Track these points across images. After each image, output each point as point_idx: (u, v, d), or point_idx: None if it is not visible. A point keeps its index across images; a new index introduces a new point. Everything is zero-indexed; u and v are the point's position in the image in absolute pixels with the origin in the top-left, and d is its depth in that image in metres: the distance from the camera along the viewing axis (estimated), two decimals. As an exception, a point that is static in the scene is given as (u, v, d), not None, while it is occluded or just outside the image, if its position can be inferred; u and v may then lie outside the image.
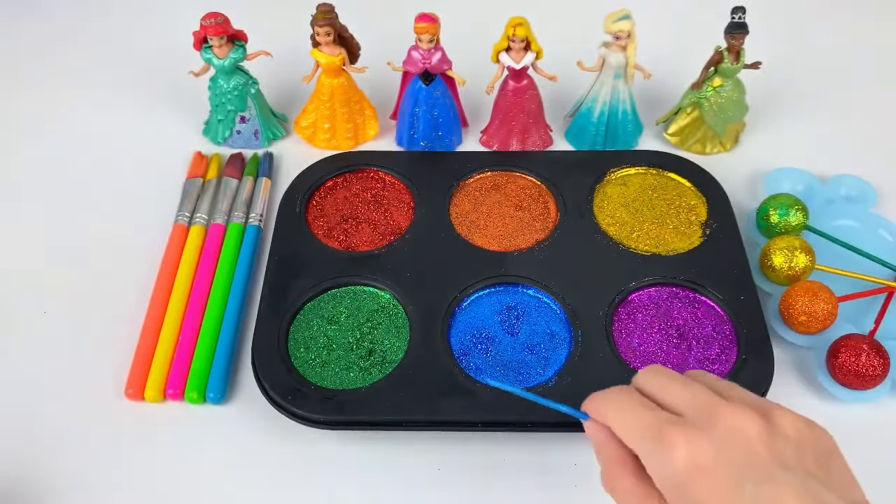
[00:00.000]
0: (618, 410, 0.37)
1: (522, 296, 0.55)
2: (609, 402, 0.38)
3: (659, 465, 0.35)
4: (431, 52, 0.60)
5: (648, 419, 0.36)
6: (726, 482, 0.33)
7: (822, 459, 0.35)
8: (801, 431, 0.35)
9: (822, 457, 0.35)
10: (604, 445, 0.38)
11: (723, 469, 0.33)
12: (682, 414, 0.36)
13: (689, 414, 0.35)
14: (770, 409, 0.36)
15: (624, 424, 0.37)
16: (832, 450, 0.35)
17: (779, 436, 0.34)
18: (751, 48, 0.61)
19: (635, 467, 0.36)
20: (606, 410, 0.38)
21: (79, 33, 0.79)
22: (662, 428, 0.35)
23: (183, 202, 0.62)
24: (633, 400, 0.37)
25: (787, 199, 0.58)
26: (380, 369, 0.51)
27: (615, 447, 0.37)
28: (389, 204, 0.61)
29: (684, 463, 0.33)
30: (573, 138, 0.67)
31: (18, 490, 0.48)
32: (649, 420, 0.35)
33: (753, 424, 0.34)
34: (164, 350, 0.53)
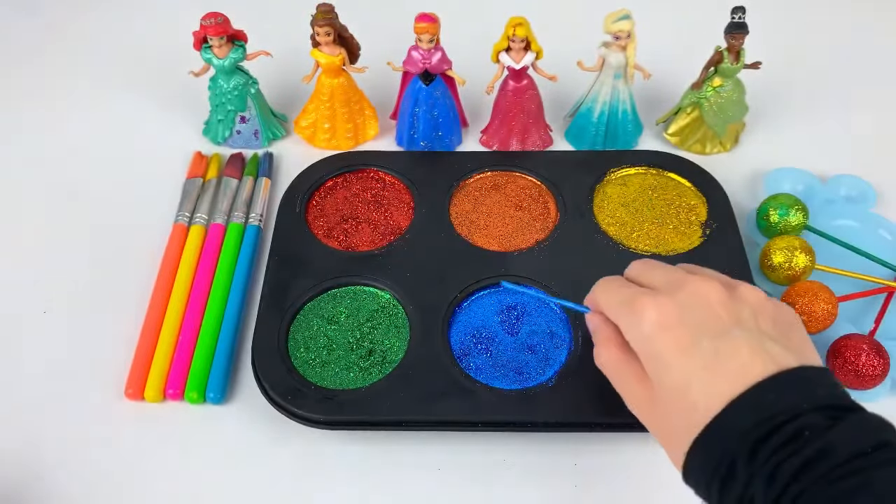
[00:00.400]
0: (603, 291, 0.44)
1: (522, 295, 0.55)
2: (599, 288, 0.45)
3: (632, 329, 0.40)
4: (431, 52, 0.60)
5: (626, 293, 0.41)
6: (687, 338, 0.38)
7: (780, 327, 0.39)
8: (761, 301, 0.40)
9: (781, 325, 0.39)
10: (597, 328, 0.44)
11: (683, 327, 0.38)
12: (656, 288, 0.41)
13: (661, 287, 0.41)
14: (736, 283, 0.41)
15: (607, 301, 0.43)
16: (793, 321, 0.40)
17: (739, 301, 0.39)
18: (751, 48, 0.61)
19: (619, 342, 0.42)
20: (596, 293, 0.44)
21: (78, 33, 0.79)
22: (635, 298, 0.40)
23: (183, 202, 0.62)
24: (617, 283, 0.44)
25: (787, 199, 0.58)
26: (380, 369, 0.51)
27: (605, 328, 0.43)
28: (389, 204, 0.61)
29: (651, 324, 0.39)
30: (573, 138, 0.67)
31: (18, 490, 0.48)
32: (627, 294, 0.41)
33: (715, 291, 0.39)
34: (164, 350, 0.53)
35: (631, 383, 0.41)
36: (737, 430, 0.35)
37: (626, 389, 0.42)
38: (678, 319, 0.38)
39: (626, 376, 0.42)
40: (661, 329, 0.38)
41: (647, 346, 0.39)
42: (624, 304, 0.41)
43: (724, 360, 0.36)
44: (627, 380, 0.42)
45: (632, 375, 0.41)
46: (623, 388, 0.42)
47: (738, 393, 0.35)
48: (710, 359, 0.37)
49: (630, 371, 0.41)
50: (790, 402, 0.34)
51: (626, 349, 0.41)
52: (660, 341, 0.38)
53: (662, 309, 0.39)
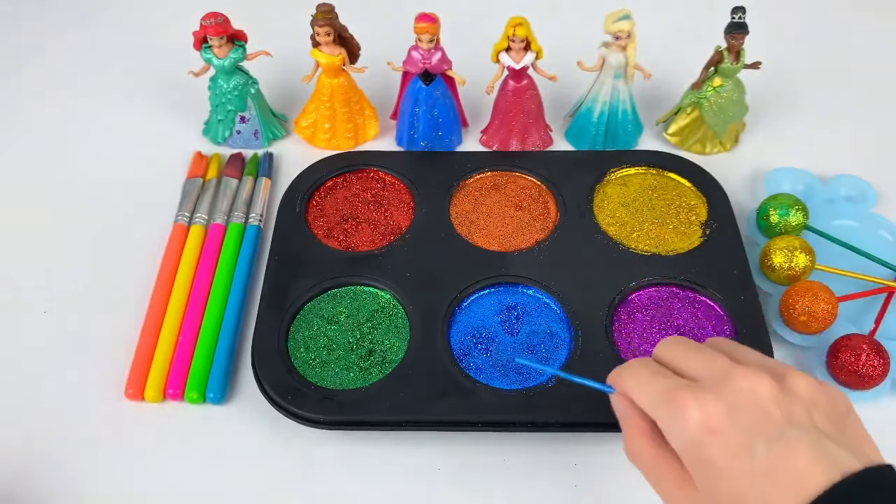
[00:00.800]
0: (635, 379, 0.39)
1: (522, 296, 0.55)
2: (628, 373, 0.40)
3: (674, 430, 0.36)
4: (431, 52, 0.60)
5: (663, 386, 0.37)
6: (738, 442, 0.34)
7: (835, 419, 0.35)
8: (814, 392, 0.36)
9: (835, 416, 0.35)
10: (626, 415, 0.40)
11: (734, 430, 0.34)
12: (696, 379, 0.37)
13: (703, 379, 0.36)
14: (784, 372, 0.36)
15: (641, 392, 0.38)
16: (847, 410, 0.36)
17: (791, 396, 0.35)
18: (751, 48, 0.61)
19: (654, 434, 0.38)
20: (625, 380, 0.39)
21: (78, 33, 0.79)
22: (675, 393, 0.36)
23: (183, 202, 0.62)
24: (650, 369, 0.39)
25: (787, 199, 0.58)
26: (380, 369, 0.51)
27: (636, 416, 0.39)
28: (389, 204, 0.61)
29: (697, 426, 0.34)
30: (573, 138, 0.67)
31: (18, 490, 0.48)
32: (664, 387, 0.37)
33: (764, 386, 0.35)
34: (164, 350, 0.53)
35: (670, 485, 0.37)
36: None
37: (664, 490, 0.37)
38: (728, 422, 0.34)
39: (663, 475, 0.37)
40: (708, 432, 0.34)
41: (692, 451, 0.35)
42: (662, 399, 0.36)
43: (781, 467, 0.33)
44: (666, 480, 0.37)
45: (671, 476, 0.37)
46: (661, 488, 0.38)
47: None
48: (764, 466, 0.33)
49: (668, 471, 0.37)
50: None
51: (662, 443, 0.37)
52: (707, 446, 0.34)
53: (709, 410, 0.35)
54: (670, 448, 0.36)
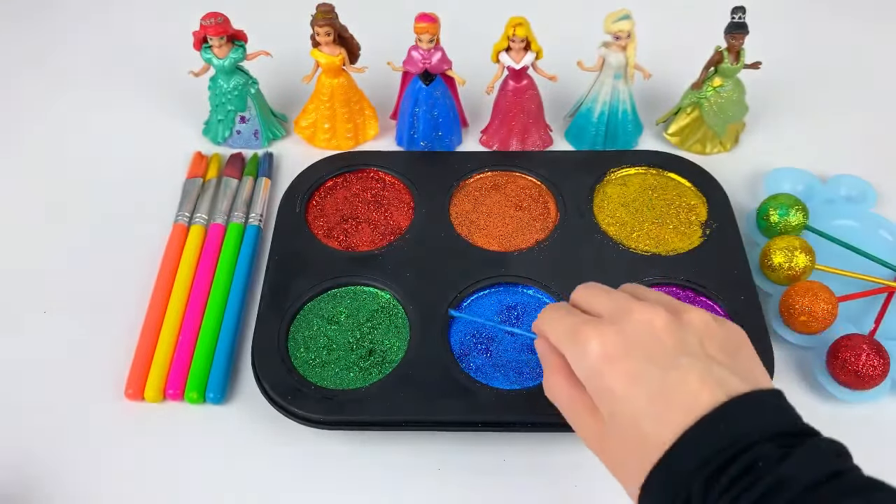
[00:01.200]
0: (549, 319, 0.42)
1: (522, 296, 0.55)
2: (544, 315, 0.43)
3: (577, 360, 0.39)
4: (431, 52, 0.60)
5: (570, 322, 0.40)
6: (634, 369, 0.36)
7: (728, 349, 0.38)
8: (708, 324, 0.38)
9: (729, 347, 0.38)
10: (544, 355, 0.42)
11: (631, 358, 0.37)
12: (601, 316, 0.40)
13: (606, 315, 0.40)
14: (682, 308, 0.39)
15: (552, 330, 0.41)
16: (740, 343, 0.39)
17: (685, 327, 0.38)
18: (751, 48, 0.61)
19: (569, 372, 0.40)
20: (541, 322, 0.43)
21: (78, 33, 0.79)
22: (580, 327, 0.39)
23: (183, 202, 0.62)
24: (562, 310, 0.42)
25: (787, 199, 0.58)
26: (380, 369, 0.51)
27: (553, 356, 0.41)
28: (389, 204, 0.61)
29: (596, 355, 0.37)
30: (573, 138, 0.67)
31: (18, 490, 0.48)
32: (571, 323, 0.40)
33: (660, 318, 0.38)
34: (164, 350, 0.53)
35: (582, 416, 0.39)
36: (689, 464, 0.33)
37: (577, 422, 0.40)
38: (624, 350, 0.37)
39: (575, 409, 0.40)
40: (607, 361, 0.37)
41: (593, 379, 0.38)
42: (568, 334, 0.39)
43: (673, 390, 0.35)
44: (577, 412, 0.40)
45: (581, 408, 0.39)
46: (574, 421, 0.40)
47: (689, 424, 0.34)
48: (658, 389, 0.35)
49: (579, 403, 0.40)
50: (741, 432, 0.33)
51: (574, 380, 0.40)
52: (606, 374, 0.37)
53: (607, 339, 0.37)
54: (580, 382, 0.39)
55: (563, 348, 0.40)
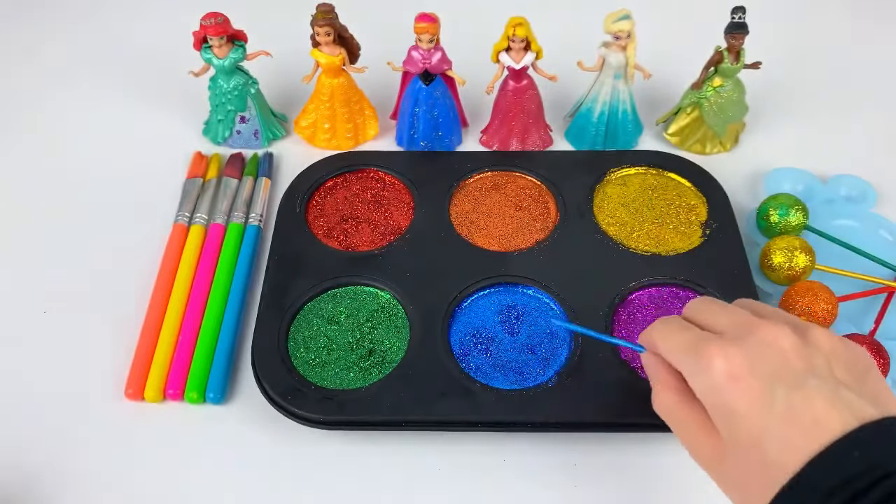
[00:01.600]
0: (663, 333, 0.41)
1: (522, 296, 0.55)
2: (656, 329, 0.41)
3: (698, 378, 0.37)
4: (431, 52, 0.60)
5: (689, 338, 0.39)
6: (759, 389, 0.35)
7: (855, 372, 0.36)
8: (835, 345, 0.37)
9: (856, 370, 0.36)
10: (655, 371, 0.41)
11: (755, 377, 0.35)
12: (721, 333, 0.38)
13: (728, 332, 0.38)
14: (807, 327, 0.38)
15: (667, 345, 0.40)
16: (868, 366, 0.37)
17: (811, 348, 0.36)
18: (751, 48, 0.61)
19: (681, 387, 0.39)
20: (653, 335, 0.41)
21: (78, 33, 0.79)
22: (700, 344, 0.37)
23: (183, 202, 0.62)
24: (677, 324, 0.41)
25: (787, 199, 0.58)
26: (380, 369, 0.51)
27: (664, 371, 0.41)
28: (389, 204, 0.61)
29: (720, 373, 0.36)
30: (573, 138, 0.67)
31: (18, 490, 0.48)
32: (689, 339, 0.38)
33: (787, 337, 0.36)
34: (164, 350, 0.53)
35: (696, 434, 0.38)
36: (820, 490, 0.32)
37: (689, 440, 0.39)
38: (749, 369, 0.36)
39: (689, 426, 0.39)
40: (731, 380, 0.36)
41: (715, 398, 0.36)
42: (688, 350, 0.38)
43: (800, 413, 0.34)
44: (691, 430, 0.39)
45: (696, 426, 0.38)
46: (686, 439, 0.39)
47: (818, 450, 0.32)
48: (784, 412, 0.34)
49: (694, 421, 0.38)
50: (877, 459, 0.31)
51: (689, 396, 0.39)
52: (730, 393, 0.35)
53: (732, 358, 0.36)
54: (696, 400, 0.38)
55: (681, 364, 0.39)
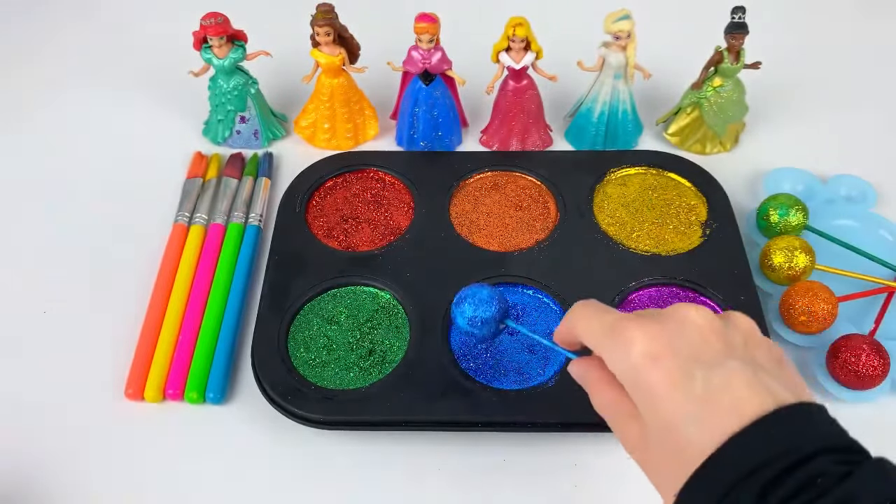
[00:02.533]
0: (582, 317, 0.39)
1: (522, 296, 0.55)
2: (575, 312, 0.40)
3: (617, 359, 0.36)
4: (431, 51, 0.60)
5: (609, 319, 0.37)
6: (679, 369, 0.34)
7: (773, 358, 0.36)
8: (753, 329, 0.37)
9: (773, 356, 0.36)
10: (584, 374, 0.41)
11: (675, 357, 0.34)
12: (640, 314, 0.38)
13: (647, 312, 0.38)
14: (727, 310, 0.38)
15: (587, 328, 0.39)
16: (781, 357, 0.37)
17: (731, 329, 0.36)
18: (751, 48, 0.61)
19: (610, 380, 0.38)
20: (573, 320, 0.40)
21: (78, 32, 0.79)
22: (619, 323, 0.36)
23: (183, 202, 0.62)
24: (595, 307, 0.39)
25: (787, 199, 0.58)
26: (380, 369, 0.51)
27: (592, 371, 0.40)
28: (389, 204, 0.61)
29: (639, 353, 0.35)
30: (573, 138, 0.67)
31: (18, 490, 0.48)
32: (609, 320, 0.37)
33: (706, 317, 0.36)
34: (164, 350, 0.53)
35: (624, 421, 0.37)
36: (736, 472, 0.31)
37: (619, 428, 0.38)
38: (668, 348, 0.34)
39: (618, 414, 0.38)
40: (650, 359, 0.34)
41: (634, 378, 0.35)
42: (607, 330, 0.37)
43: (719, 394, 0.33)
44: (620, 417, 0.38)
45: (625, 413, 0.37)
46: (617, 428, 0.38)
47: (735, 430, 0.32)
48: (703, 392, 0.33)
49: (623, 408, 0.37)
50: (794, 443, 0.31)
51: (619, 388, 0.37)
52: (649, 373, 0.34)
53: (651, 336, 0.35)
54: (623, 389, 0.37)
55: (601, 346, 0.37)
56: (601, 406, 0.39)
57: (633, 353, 0.35)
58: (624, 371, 0.36)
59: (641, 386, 0.35)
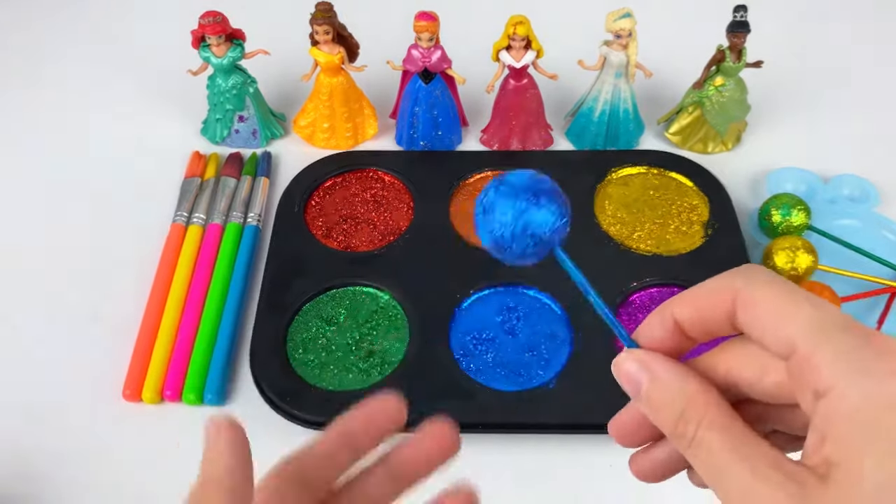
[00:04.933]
0: (775, 295, 0.23)
1: (522, 296, 0.55)
2: (756, 281, 0.24)
3: (864, 384, 0.21)
4: (431, 50, 0.60)
5: (840, 317, 0.22)
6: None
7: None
8: None
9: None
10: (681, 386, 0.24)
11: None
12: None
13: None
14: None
15: (790, 313, 0.23)
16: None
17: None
18: (752, 47, 0.61)
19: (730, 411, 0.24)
20: (753, 294, 0.24)
21: (76, 33, 0.79)
22: (876, 335, 0.22)
23: (181, 202, 0.61)
24: (790, 285, 0.24)
25: (789, 199, 0.58)
26: (379, 370, 0.51)
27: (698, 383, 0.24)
28: (389, 204, 0.61)
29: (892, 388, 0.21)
30: (574, 138, 0.67)
31: (16, 491, 0.48)
32: (842, 318, 0.22)
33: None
34: (162, 351, 0.53)
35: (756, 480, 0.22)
36: None
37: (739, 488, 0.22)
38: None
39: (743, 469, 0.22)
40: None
41: (879, 420, 0.20)
42: (848, 333, 0.22)
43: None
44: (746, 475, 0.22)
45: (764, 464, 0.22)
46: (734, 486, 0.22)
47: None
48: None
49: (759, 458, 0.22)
50: None
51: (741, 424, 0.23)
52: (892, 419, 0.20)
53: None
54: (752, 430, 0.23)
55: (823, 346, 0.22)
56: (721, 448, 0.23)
57: (887, 381, 0.21)
58: (866, 401, 0.21)
59: (885, 434, 0.20)
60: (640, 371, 0.26)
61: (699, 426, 0.23)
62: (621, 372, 0.27)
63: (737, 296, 0.24)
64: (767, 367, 0.24)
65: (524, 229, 0.29)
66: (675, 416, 0.24)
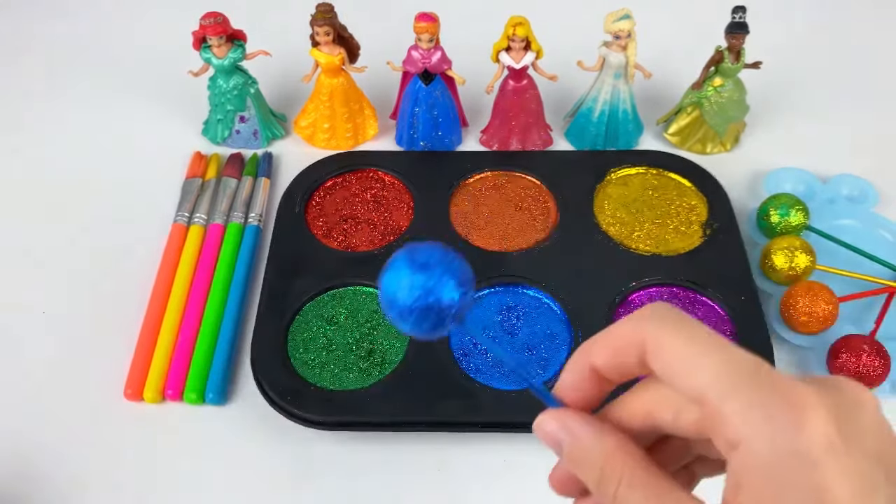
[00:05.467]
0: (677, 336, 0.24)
1: (522, 296, 0.55)
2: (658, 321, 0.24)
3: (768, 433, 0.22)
4: (431, 51, 0.60)
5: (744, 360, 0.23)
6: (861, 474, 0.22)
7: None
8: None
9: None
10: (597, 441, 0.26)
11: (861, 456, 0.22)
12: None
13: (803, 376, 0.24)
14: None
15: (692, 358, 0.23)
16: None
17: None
18: (751, 48, 0.61)
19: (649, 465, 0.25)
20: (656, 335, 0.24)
21: (77, 33, 0.79)
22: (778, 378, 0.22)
23: (182, 202, 0.62)
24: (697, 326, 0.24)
25: (787, 199, 0.58)
26: (380, 370, 0.51)
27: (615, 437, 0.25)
28: (389, 204, 0.61)
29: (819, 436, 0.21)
30: (573, 138, 0.67)
31: (18, 490, 0.48)
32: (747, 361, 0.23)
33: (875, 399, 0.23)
34: (163, 351, 0.53)
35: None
36: None
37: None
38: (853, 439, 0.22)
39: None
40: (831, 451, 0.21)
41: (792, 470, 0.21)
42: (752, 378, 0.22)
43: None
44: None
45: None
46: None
47: None
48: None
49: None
50: None
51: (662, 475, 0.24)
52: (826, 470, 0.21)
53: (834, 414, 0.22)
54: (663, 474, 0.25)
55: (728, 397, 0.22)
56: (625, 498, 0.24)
57: (807, 434, 0.21)
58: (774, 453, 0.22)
59: (802, 485, 0.21)
60: (559, 431, 0.28)
61: (619, 484, 0.24)
62: (542, 433, 0.28)
63: (646, 341, 0.24)
64: (682, 408, 0.25)
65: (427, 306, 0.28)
66: (596, 475, 0.25)
